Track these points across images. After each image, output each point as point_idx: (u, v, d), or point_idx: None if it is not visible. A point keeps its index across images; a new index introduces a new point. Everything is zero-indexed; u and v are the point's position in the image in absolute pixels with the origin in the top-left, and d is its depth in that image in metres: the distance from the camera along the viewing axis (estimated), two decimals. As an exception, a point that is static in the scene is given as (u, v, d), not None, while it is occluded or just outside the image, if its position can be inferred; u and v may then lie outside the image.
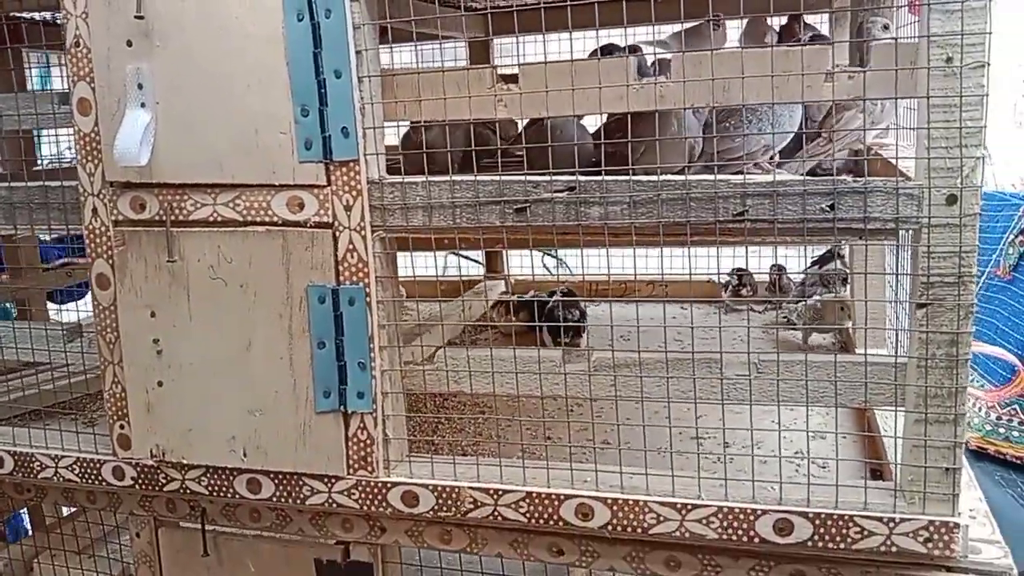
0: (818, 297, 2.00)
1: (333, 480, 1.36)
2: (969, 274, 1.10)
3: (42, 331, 1.56)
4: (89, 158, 1.39)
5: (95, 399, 1.81)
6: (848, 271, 2.10)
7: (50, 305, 2.49)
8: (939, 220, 1.10)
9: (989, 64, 1.06)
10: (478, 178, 1.24)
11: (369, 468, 1.34)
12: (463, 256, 3.42)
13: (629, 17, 1.31)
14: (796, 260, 2.32)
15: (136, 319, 1.40)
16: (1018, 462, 3.13)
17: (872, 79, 1.13)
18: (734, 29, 2.03)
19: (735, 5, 1.22)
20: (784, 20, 1.84)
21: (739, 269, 2.29)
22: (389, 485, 1.34)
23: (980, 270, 3.57)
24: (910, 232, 1.14)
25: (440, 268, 3.15)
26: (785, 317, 2.10)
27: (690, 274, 1.23)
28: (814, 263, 2.23)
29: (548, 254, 3.98)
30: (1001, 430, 3.15)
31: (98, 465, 1.50)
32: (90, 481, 1.51)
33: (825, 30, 1.98)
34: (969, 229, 1.09)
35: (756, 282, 2.30)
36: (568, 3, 1.17)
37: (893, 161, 1.26)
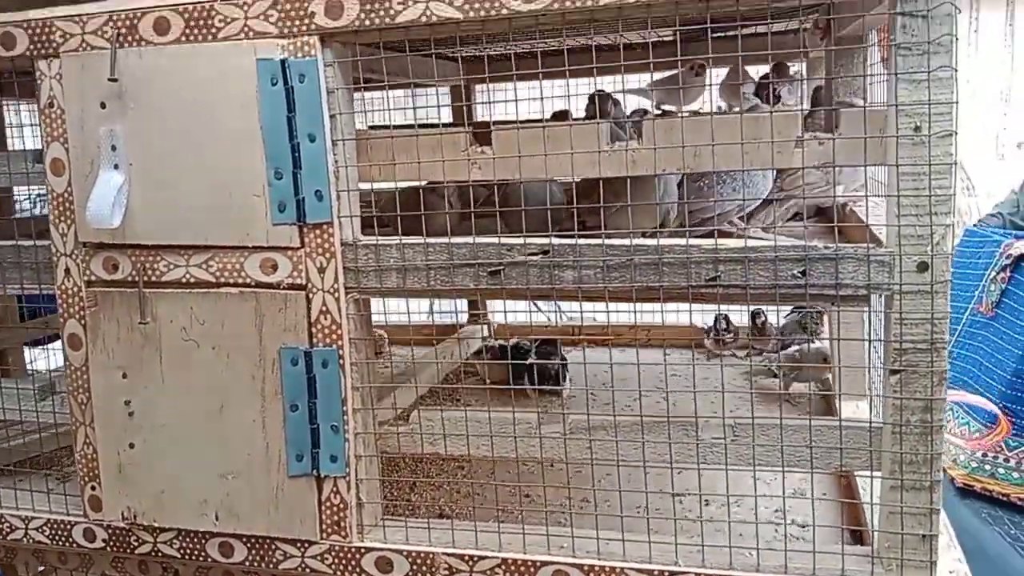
0: (797, 348, 2.00)
1: (306, 545, 1.34)
2: (942, 340, 1.10)
3: (13, 389, 1.54)
4: (62, 218, 1.38)
5: (70, 453, 1.79)
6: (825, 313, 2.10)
7: (37, 349, 2.47)
8: (910, 287, 1.10)
9: (956, 133, 1.06)
10: (452, 240, 1.24)
11: (342, 533, 1.32)
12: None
13: (605, 66, 1.32)
14: (775, 312, 2.33)
15: (108, 380, 1.38)
16: (1004, 499, 3.13)
17: (841, 145, 1.13)
18: (715, 76, 2.05)
19: (706, 53, 1.22)
20: (765, 68, 1.86)
21: (722, 315, 2.29)
22: (363, 550, 1.32)
23: (963, 306, 3.58)
24: (883, 297, 1.14)
25: (427, 310, 3.14)
26: (766, 365, 2.10)
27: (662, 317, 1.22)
28: (793, 310, 2.23)
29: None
30: (987, 467, 3.15)
31: (69, 527, 1.47)
32: (61, 543, 1.49)
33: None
34: (940, 296, 1.09)
35: (738, 328, 2.30)
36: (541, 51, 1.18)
37: (866, 221, 1.27)
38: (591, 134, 1.20)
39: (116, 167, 1.32)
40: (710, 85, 1.76)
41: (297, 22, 1.22)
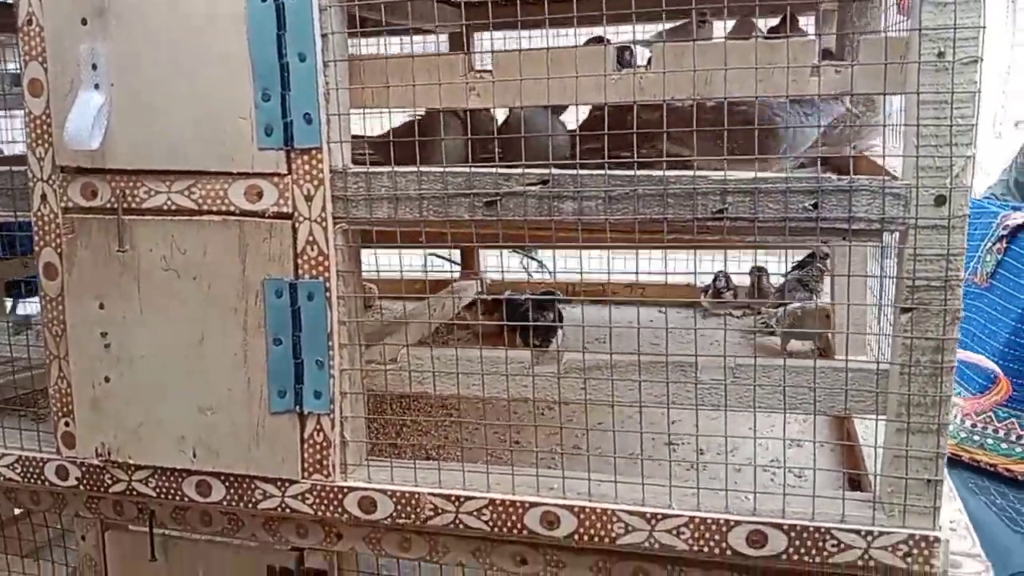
0: (798, 304, 1.95)
1: (287, 484, 1.29)
2: (956, 278, 1.06)
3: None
4: (39, 142, 1.31)
5: (45, 394, 1.73)
6: (827, 272, 2.06)
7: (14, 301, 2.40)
8: (926, 221, 1.05)
9: (982, 60, 1.01)
10: (447, 169, 1.18)
11: (325, 472, 1.28)
12: (442, 257, 3.35)
13: (612, 14, 1.26)
14: (777, 264, 2.28)
15: (84, 311, 1.32)
16: (991, 469, 3.12)
17: (860, 74, 1.08)
18: (721, 31, 1.99)
19: (719, 3, 1.17)
20: (775, 21, 1.80)
21: (722, 272, 2.25)
22: (346, 490, 1.27)
23: (958, 278, 3.55)
24: (895, 234, 1.10)
25: (422, 267, 3.09)
26: (764, 322, 2.06)
27: (665, 276, 1.18)
28: (795, 268, 2.19)
29: (530, 257, 3.92)
30: (976, 437, 3.13)
31: (41, 464, 1.42)
32: (32, 481, 1.43)
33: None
34: (958, 231, 1.05)
35: (737, 287, 2.26)
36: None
37: (879, 162, 1.22)
38: (597, 57, 1.14)
39: (97, 87, 1.25)
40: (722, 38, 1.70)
41: (288, -68, 1.15)
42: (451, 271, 2.57)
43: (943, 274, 1.06)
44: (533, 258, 3.84)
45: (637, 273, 1.27)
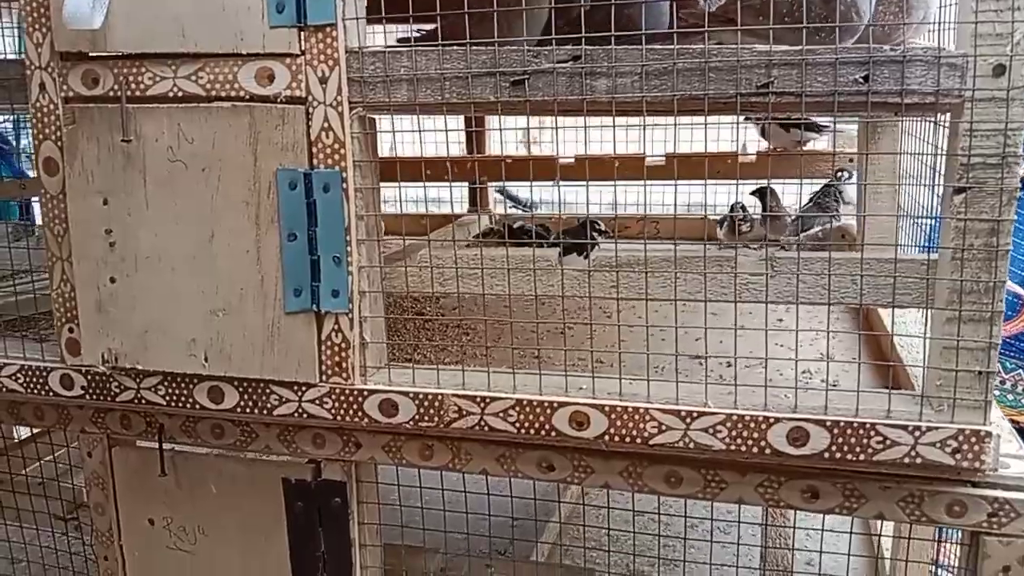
0: (818, 227, 1.90)
1: (304, 388, 1.24)
2: (1015, 155, 1.00)
3: (-16, 228, 1.41)
4: (37, 26, 1.24)
5: (48, 316, 1.67)
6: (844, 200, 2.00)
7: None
8: (984, 93, 0.99)
9: (1047, -89, 0.94)
10: (470, 45, 1.11)
11: (344, 374, 1.22)
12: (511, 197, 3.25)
13: None
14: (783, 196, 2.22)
15: (87, 207, 1.26)
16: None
17: (914, -64, 1.01)
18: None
19: None
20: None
21: (738, 203, 2.18)
22: (366, 393, 1.22)
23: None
24: (948, 110, 1.03)
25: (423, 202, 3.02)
26: (784, 248, 2.00)
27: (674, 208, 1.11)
28: (811, 199, 2.13)
29: (522, 207, 3.83)
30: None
31: (44, 373, 1.36)
32: (36, 391, 1.37)
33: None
34: (1018, 104, 0.98)
35: (754, 218, 2.20)
36: None
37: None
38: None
39: (96, -38, 1.18)
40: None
41: None
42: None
43: (1000, 150, 1.00)
44: (515, 199, 3.75)
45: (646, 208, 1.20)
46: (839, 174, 2.07)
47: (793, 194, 2.26)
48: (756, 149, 2.43)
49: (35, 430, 2.06)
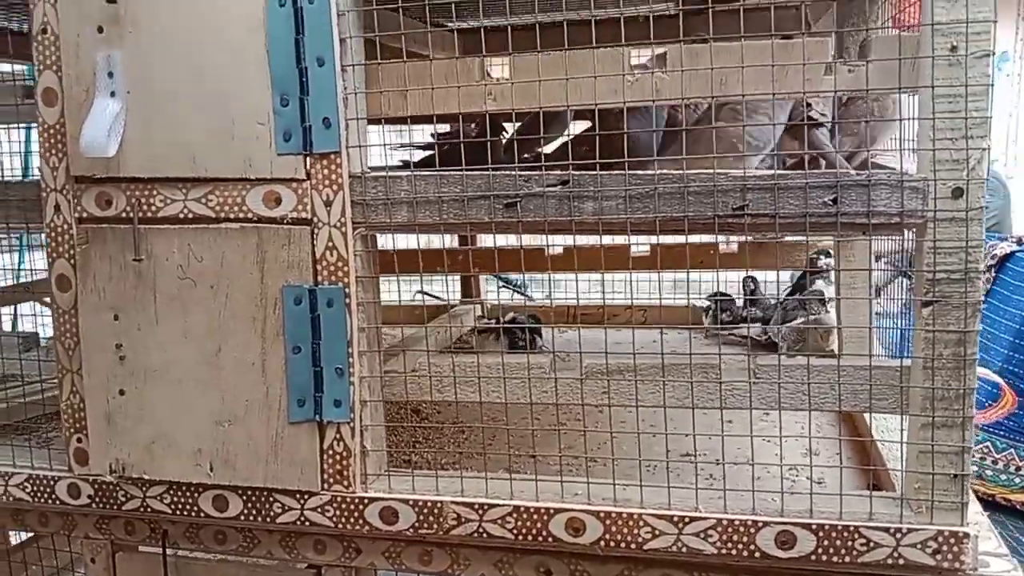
0: (801, 320, 1.96)
1: (306, 496, 1.27)
2: (976, 270, 1.07)
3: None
4: (53, 152, 1.31)
5: (51, 419, 1.71)
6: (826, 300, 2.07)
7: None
8: (945, 214, 1.06)
9: (994, 53, 1.03)
10: (466, 172, 1.19)
11: (345, 483, 1.26)
12: (432, 295, 3.34)
13: (627, 37, 1.28)
14: (764, 285, 2.31)
15: (98, 323, 1.31)
16: (989, 499, 3.12)
17: (873, 72, 1.10)
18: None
19: (735, 27, 1.18)
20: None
21: (719, 293, 2.26)
22: (367, 501, 1.25)
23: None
24: (913, 228, 1.11)
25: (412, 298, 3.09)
26: (768, 336, 2.06)
27: (660, 297, 1.18)
28: (791, 292, 2.20)
29: (515, 288, 3.91)
30: (974, 468, 3.13)
31: (52, 483, 1.39)
32: (43, 500, 1.40)
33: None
34: (975, 223, 1.06)
35: (736, 307, 2.27)
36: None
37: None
38: (615, 60, 1.16)
39: (113, 95, 1.26)
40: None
41: (308, -59, 1.17)
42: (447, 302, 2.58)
43: (963, 266, 1.07)
44: (515, 287, 3.84)
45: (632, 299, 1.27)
46: (816, 259, 2.15)
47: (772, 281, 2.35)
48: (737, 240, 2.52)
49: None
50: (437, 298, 3.26)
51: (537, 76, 1.17)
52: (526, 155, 1.63)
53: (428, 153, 1.68)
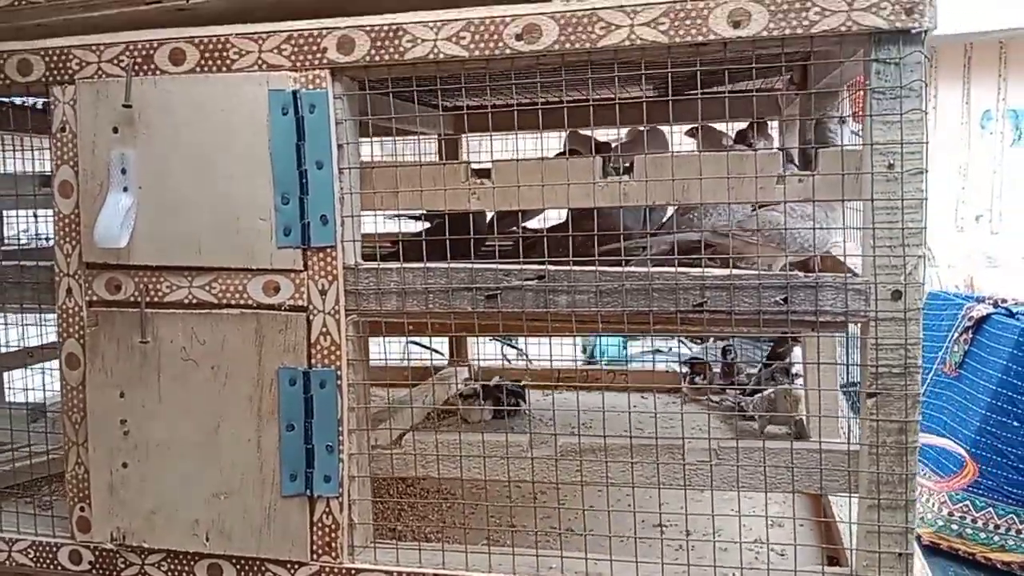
0: (771, 391, 2.06)
1: (296, 566, 1.35)
2: (915, 365, 1.17)
3: (5, 410, 1.54)
4: (67, 239, 1.41)
5: (50, 481, 1.78)
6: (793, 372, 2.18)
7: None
8: (885, 314, 1.17)
9: (927, 171, 1.15)
10: (451, 265, 1.29)
11: (333, 554, 1.34)
12: (424, 346, 3.45)
13: (596, 119, 1.41)
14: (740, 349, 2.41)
15: (104, 399, 1.40)
16: (970, 558, 3.18)
17: (821, 182, 1.21)
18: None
19: (692, 113, 1.30)
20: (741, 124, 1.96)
21: (694, 358, 2.36)
22: (353, 571, 1.33)
23: (927, 367, 3.69)
24: (859, 325, 1.21)
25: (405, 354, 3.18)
26: (740, 406, 2.16)
27: (653, 363, 1.27)
28: (765, 364, 2.30)
29: (510, 344, 4.03)
30: (954, 526, 3.20)
31: (55, 549, 1.47)
32: (44, 566, 1.47)
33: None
34: (914, 322, 1.16)
35: (712, 371, 2.37)
36: (538, 107, 1.27)
37: (842, 258, 1.34)
38: (586, 168, 1.27)
39: (125, 189, 1.36)
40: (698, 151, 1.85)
41: (310, 56, 1.29)
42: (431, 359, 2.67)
43: (903, 362, 1.17)
44: (512, 345, 3.95)
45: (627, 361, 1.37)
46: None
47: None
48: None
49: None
50: (427, 347, 3.36)
51: (516, 181, 1.28)
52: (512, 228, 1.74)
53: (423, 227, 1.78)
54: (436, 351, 3.00)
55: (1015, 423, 3.14)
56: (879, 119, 1.15)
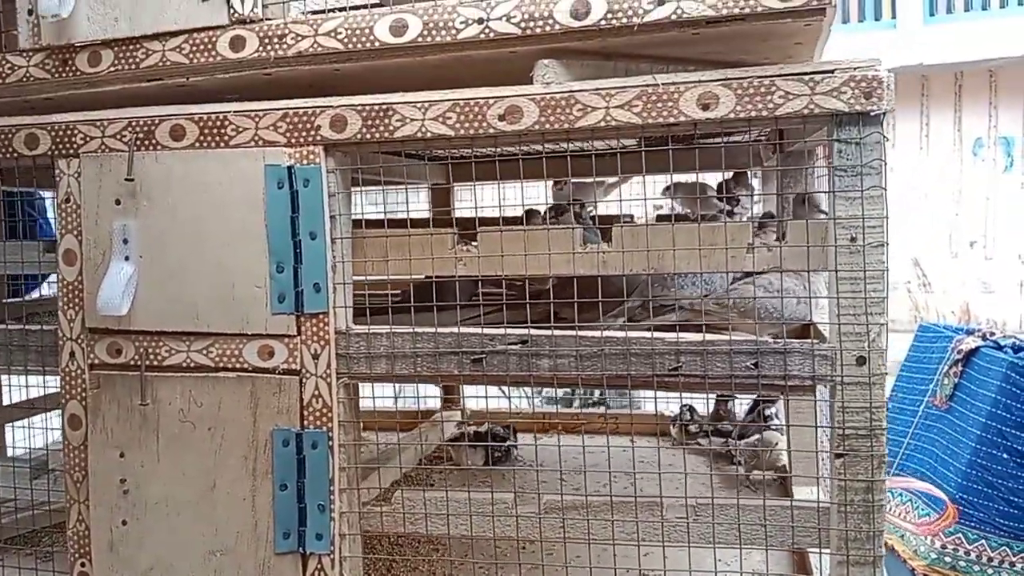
0: (756, 436, 2.11)
1: (290, 620, 1.40)
2: (880, 427, 1.22)
3: (9, 466, 1.59)
4: (70, 305, 1.47)
5: (51, 532, 1.83)
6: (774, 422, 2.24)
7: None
8: (851, 378, 1.23)
9: (888, 244, 1.21)
10: (438, 330, 1.35)
11: (326, 609, 1.39)
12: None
13: (573, 170, 1.47)
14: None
15: (105, 459, 1.45)
16: (963, 591, 3.20)
17: (788, 252, 1.28)
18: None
19: (665, 163, 1.36)
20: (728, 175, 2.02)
21: (687, 406, 2.41)
22: (345, 625, 1.38)
23: (918, 399, 3.74)
24: (827, 388, 1.27)
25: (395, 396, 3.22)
26: (728, 449, 2.21)
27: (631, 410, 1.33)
28: (751, 409, 2.35)
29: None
30: (947, 559, 3.24)
31: (55, 604, 1.51)
32: (45, 621, 1.52)
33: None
34: (878, 387, 1.22)
35: (702, 419, 2.42)
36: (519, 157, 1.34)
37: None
38: (567, 237, 1.33)
39: (127, 259, 1.42)
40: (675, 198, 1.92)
41: (304, 133, 1.36)
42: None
43: (868, 424, 1.23)
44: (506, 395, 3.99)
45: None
46: None
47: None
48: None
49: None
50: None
51: (500, 250, 1.34)
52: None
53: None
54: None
55: (1004, 455, 3.18)
56: (841, 195, 1.21)
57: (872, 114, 1.20)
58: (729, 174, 2.03)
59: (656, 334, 1.29)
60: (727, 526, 1.32)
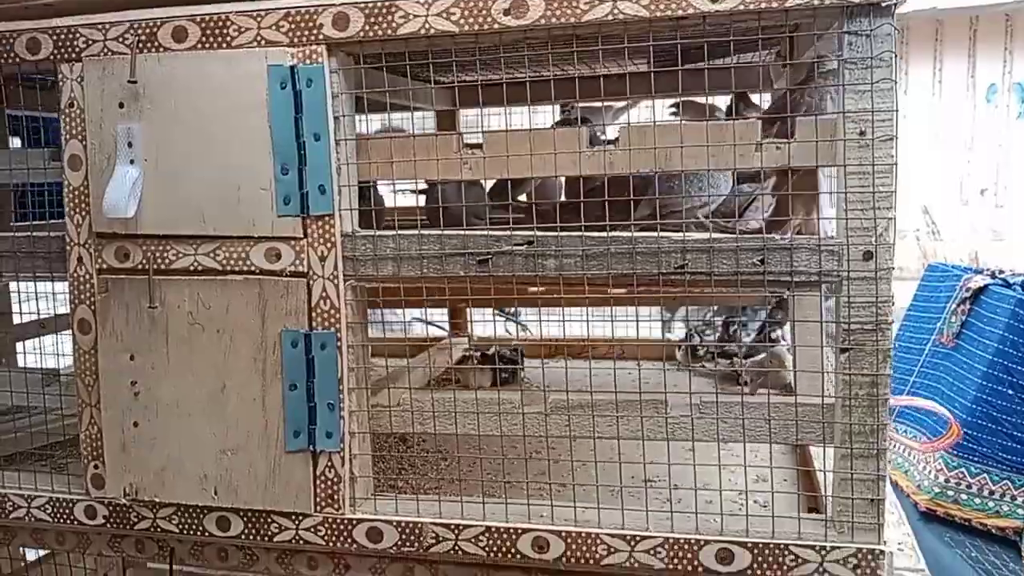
0: (763, 355, 2.12)
1: (301, 517, 1.43)
2: (886, 322, 1.23)
3: (21, 375, 1.61)
4: (77, 210, 1.48)
5: (64, 446, 1.85)
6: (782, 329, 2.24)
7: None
8: (857, 273, 1.23)
9: (897, 137, 1.20)
10: (444, 232, 1.35)
11: (336, 505, 1.41)
12: (429, 323, 3.51)
13: (581, 93, 1.46)
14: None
15: (115, 362, 1.47)
16: (965, 524, 3.25)
17: (797, 149, 1.27)
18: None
19: (679, 86, 1.35)
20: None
21: (694, 329, 2.42)
22: (355, 522, 1.41)
23: (925, 337, 3.74)
24: (833, 284, 1.27)
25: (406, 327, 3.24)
26: (733, 370, 2.22)
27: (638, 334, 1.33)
28: (759, 331, 2.36)
29: (511, 319, 4.09)
30: (950, 492, 3.28)
31: (71, 505, 1.54)
32: (62, 520, 1.55)
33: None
34: (884, 281, 1.22)
35: (709, 344, 2.43)
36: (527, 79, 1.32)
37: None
38: (573, 137, 1.33)
39: (132, 162, 1.42)
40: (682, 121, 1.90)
41: (306, 32, 1.34)
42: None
43: (874, 319, 1.23)
44: (515, 320, 4.01)
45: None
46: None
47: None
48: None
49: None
50: (435, 325, 3.43)
51: (506, 151, 1.33)
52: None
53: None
54: (436, 324, 3.06)
55: (1010, 391, 3.21)
56: (851, 88, 1.20)
57: (883, 5, 1.18)
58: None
59: (663, 233, 1.28)
60: (731, 422, 1.33)
